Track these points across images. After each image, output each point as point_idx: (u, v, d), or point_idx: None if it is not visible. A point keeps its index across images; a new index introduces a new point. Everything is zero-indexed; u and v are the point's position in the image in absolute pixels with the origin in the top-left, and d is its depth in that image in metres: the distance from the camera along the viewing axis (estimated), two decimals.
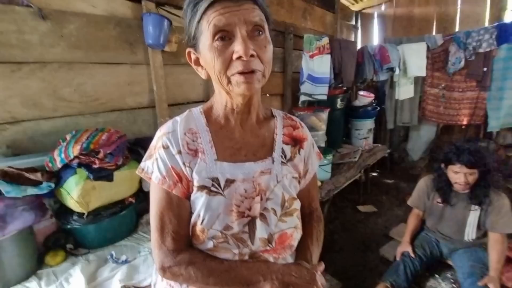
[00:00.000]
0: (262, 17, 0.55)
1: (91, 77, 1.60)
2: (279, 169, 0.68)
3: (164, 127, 0.66)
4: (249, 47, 0.52)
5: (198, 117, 0.68)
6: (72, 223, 1.31)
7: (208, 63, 0.56)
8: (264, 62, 0.56)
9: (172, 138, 0.63)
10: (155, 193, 0.64)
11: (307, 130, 0.80)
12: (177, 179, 0.62)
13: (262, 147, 0.69)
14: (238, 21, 0.52)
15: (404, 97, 3.24)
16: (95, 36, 1.59)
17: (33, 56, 1.39)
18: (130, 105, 1.81)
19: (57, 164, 1.28)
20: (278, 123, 0.74)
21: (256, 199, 0.64)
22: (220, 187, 0.62)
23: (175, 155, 0.62)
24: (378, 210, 2.81)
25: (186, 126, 0.65)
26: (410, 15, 3.95)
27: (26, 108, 1.41)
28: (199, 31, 0.56)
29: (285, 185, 0.68)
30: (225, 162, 0.64)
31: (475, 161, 1.46)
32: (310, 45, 2.52)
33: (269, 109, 0.78)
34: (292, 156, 0.72)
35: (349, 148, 3.17)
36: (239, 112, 0.66)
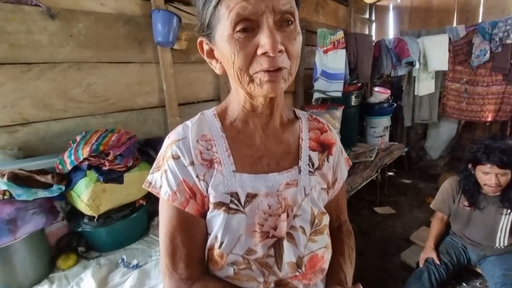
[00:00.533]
0: (293, 3, 0.46)
1: (100, 77, 1.58)
2: (307, 180, 0.59)
3: (173, 134, 0.58)
4: (277, 41, 0.44)
5: (212, 121, 0.59)
6: (83, 226, 1.29)
7: (226, 57, 0.48)
8: (292, 58, 0.48)
9: (183, 147, 0.55)
10: (164, 210, 0.55)
11: (336, 134, 0.70)
12: (190, 194, 0.54)
13: (287, 154, 0.60)
14: (266, 9, 0.43)
15: (424, 92, 3.09)
16: (104, 35, 1.56)
17: (43, 57, 1.37)
18: (140, 105, 1.78)
19: (67, 166, 1.26)
20: (303, 126, 0.64)
21: (282, 217, 0.55)
22: (241, 203, 0.54)
23: (187, 167, 0.54)
24: (397, 212, 2.69)
25: (198, 132, 0.57)
26: (428, 6, 3.76)
27: (37, 109, 1.39)
28: (215, 18, 0.46)
29: (313, 199, 0.60)
30: (245, 174, 0.55)
31: (507, 161, 1.34)
32: (324, 40, 2.42)
33: (292, 109, 0.68)
34: (320, 164, 0.63)
35: (364, 147, 3.06)
36: (260, 114, 0.57)
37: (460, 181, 1.60)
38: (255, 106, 0.56)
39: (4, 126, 1.32)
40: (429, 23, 3.71)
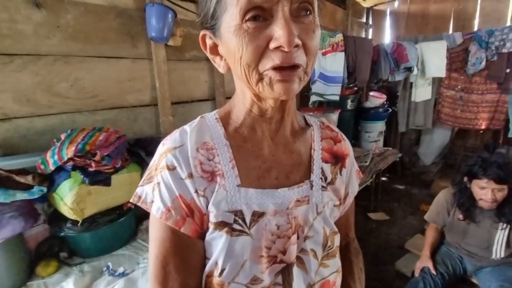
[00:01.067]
0: None
1: (89, 71, 1.49)
2: (319, 197, 0.53)
3: (169, 140, 0.50)
4: (293, 33, 0.37)
5: (214, 127, 0.51)
6: (65, 231, 1.21)
7: (233, 51, 0.40)
8: (309, 54, 0.41)
9: (180, 156, 0.47)
10: (156, 230, 0.47)
11: (349, 144, 0.63)
12: (187, 212, 0.46)
13: (298, 166, 0.53)
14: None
15: (421, 99, 3.09)
16: (94, 28, 1.47)
17: (27, 48, 1.28)
18: (130, 103, 1.69)
19: (50, 167, 1.17)
20: (315, 135, 0.57)
21: (292, 239, 0.49)
22: (246, 223, 0.47)
23: (184, 180, 0.46)
24: (391, 218, 2.68)
25: (199, 139, 0.49)
26: (425, 12, 3.78)
27: (19, 104, 1.30)
28: (221, 6, 0.40)
29: (326, 217, 0.53)
30: (251, 189, 0.48)
31: (505, 176, 1.32)
32: (323, 42, 2.38)
33: (302, 115, 0.61)
34: (333, 177, 0.56)
35: (359, 152, 3.03)
36: (269, 119, 0.50)
37: (455, 193, 1.57)
38: (263, 110, 0.49)
39: None
40: (425, 29, 3.73)
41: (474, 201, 1.46)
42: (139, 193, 0.50)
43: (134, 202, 0.49)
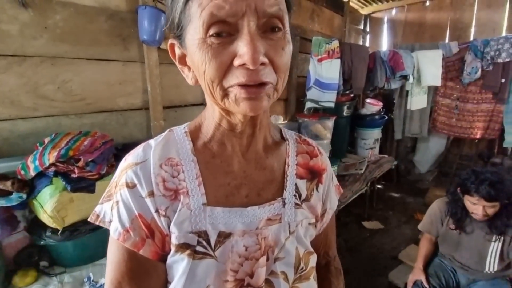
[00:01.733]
0: (282, 5, 0.38)
1: (77, 74, 1.45)
2: (292, 215, 0.50)
3: (131, 155, 0.47)
4: (258, 50, 0.35)
5: (182, 141, 0.48)
6: (45, 239, 1.16)
7: (197, 65, 0.39)
8: (279, 71, 0.39)
9: (141, 173, 0.44)
10: (113, 252, 0.44)
11: (327, 158, 0.61)
12: (147, 233, 0.43)
13: (270, 183, 0.50)
14: (248, 10, 0.34)
15: (417, 107, 3.08)
16: (83, 29, 1.43)
17: (11, 49, 1.24)
18: (121, 106, 1.65)
19: (30, 172, 1.13)
20: (291, 150, 0.54)
21: (261, 261, 0.46)
22: (210, 245, 0.44)
23: (144, 198, 0.43)
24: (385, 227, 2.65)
25: (163, 154, 0.46)
26: (421, 21, 3.80)
27: (1, 107, 1.25)
28: (186, 16, 0.38)
29: (299, 237, 0.50)
30: (218, 208, 0.45)
31: (495, 195, 1.30)
32: (319, 48, 2.36)
33: (278, 128, 0.58)
34: (308, 194, 0.53)
35: (354, 158, 3.01)
36: (239, 134, 0.47)
37: (448, 203, 1.55)
38: (233, 125, 0.46)
39: None
40: (422, 37, 3.75)
41: (466, 212, 1.44)
42: (98, 211, 0.47)
43: (92, 221, 0.46)
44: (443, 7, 3.56)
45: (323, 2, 3.20)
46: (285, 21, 0.39)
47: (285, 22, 0.39)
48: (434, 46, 2.98)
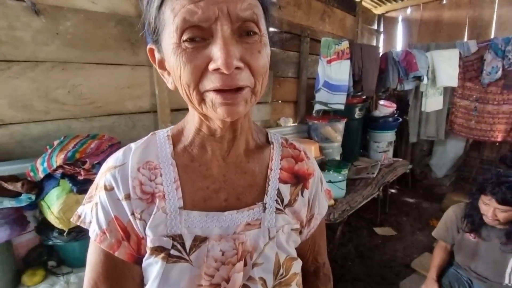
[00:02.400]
0: (256, 9, 0.37)
1: (87, 78, 1.49)
2: (272, 220, 0.49)
3: (112, 158, 0.48)
4: (232, 55, 0.34)
5: (163, 145, 0.48)
6: (52, 240, 1.18)
7: (173, 70, 0.39)
8: (256, 75, 0.38)
9: (119, 176, 0.45)
10: (91, 253, 0.46)
11: (314, 162, 0.59)
12: (123, 235, 0.44)
13: (251, 188, 0.50)
14: (221, 15, 0.34)
15: (432, 109, 2.96)
16: (93, 35, 1.47)
17: (25, 55, 1.29)
18: (129, 109, 1.68)
19: (39, 174, 1.16)
20: (275, 154, 0.54)
21: (237, 266, 0.45)
22: (185, 249, 0.44)
23: (121, 201, 0.44)
24: (398, 234, 2.55)
25: (142, 157, 0.47)
26: (438, 20, 3.66)
27: (15, 110, 1.30)
28: (160, 21, 0.38)
29: (280, 243, 0.49)
30: (195, 212, 0.45)
31: (510, 199, 1.23)
32: (328, 50, 2.32)
33: (265, 132, 0.58)
34: (292, 199, 0.52)
35: (367, 162, 2.93)
36: (219, 138, 0.47)
37: (465, 207, 1.48)
38: (212, 130, 0.46)
39: None
40: (438, 36, 3.60)
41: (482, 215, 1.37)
42: (79, 212, 0.48)
43: (73, 222, 0.48)
44: (461, 5, 3.42)
45: (334, 3, 3.14)
46: (260, 25, 0.38)
47: (260, 26, 0.38)
48: (451, 45, 2.85)
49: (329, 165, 2.30)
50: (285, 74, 2.72)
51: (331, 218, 1.86)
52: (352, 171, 2.68)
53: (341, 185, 2.10)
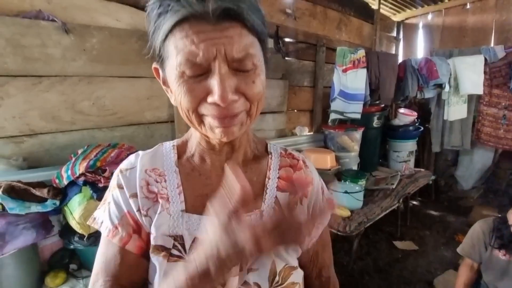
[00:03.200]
0: (253, 45, 0.40)
1: (110, 90, 1.58)
2: None
3: (124, 163, 0.53)
4: (228, 90, 0.38)
5: (168, 154, 0.53)
6: (74, 244, 1.25)
7: (175, 95, 0.42)
8: (251, 100, 0.42)
9: (130, 177, 0.50)
10: (101, 248, 0.49)
11: (314, 171, 0.61)
12: (135, 228, 0.48)
13: None
14: (218, 55, 0.37)
15: (455, 117, 2.83)
16: (116, 50, 1.57)
17: (55, 70, 1.40)
18: (148, 119, 1.76)
19: (63, 181, 1.23)
20: (273, 163, 0.57)
21: (233, 270, 0.46)
22: (185, 249, 0.46)
23: (128, 199, 0.48)
24: (420, 248, 2.42)
25: (150, 164, 0.52)
26: (462, 25, 3.52)
27: (45, 121, 1.40)
28: (165, 52, 0.41)
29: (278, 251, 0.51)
30: (195, 215, 0.48)
31: None
32: (344, 59, 2.30)
33: (264, 143, 0.61)
34: None
35: (386, 172, 2.83)
36: (219, 152, 0.51)
37: (494, 219, 1.39)
38: (212, 145, 0.51)
39: (11, 137, 1.33)
40: (462, 42, 3.46)
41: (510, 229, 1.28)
42: (95, 215, 0.52)
43: (89, 224, 0.51)
44: (487, 9, 3.28)
45: (350, 11, 3.13)
46: (256, 60, 0.41)
47: (256, 62, 0.41)
48: (475, 51, 2.73)
49: (345, 175, 2.25)
50: (301, 83, 2.72)
51: (347, 230, 1.81)
52: (371, 181, 2.60)
53: (358, 196, 2.04)
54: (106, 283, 0.46)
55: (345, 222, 1.84)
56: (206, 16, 0.36)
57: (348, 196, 2.01)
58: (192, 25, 0.37)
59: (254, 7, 0.40)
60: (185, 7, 0.36)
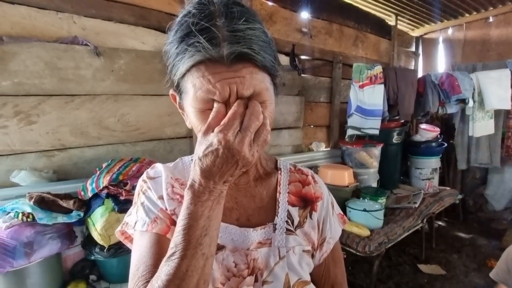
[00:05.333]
0: (264, 82, 0.43)
1: (134, 107, 1.67)
2: (282, 240, 0.52)
3: (151, 170, 0.57)
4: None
5: (188, 167, 0.57)
6: (94, 255, 1.29)
7: (192, 122, 0.47)
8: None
9: (157, 181, 0.53)
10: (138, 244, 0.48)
11: (323, 186, 0.63)
12: (171, 221, 0.49)
13: (259, 210, 0.55)
14: (232, 92, 0.40)
15: (481, 133, 2.70)
16: (141, 70, 1.67)
17: (85, 89, 1.51)
18: (168, 135, 1.83)
19: (88, 193, 1.30)
20: (283, 179, 0.59)
21: (247, 280, 0.48)
22: None
23: (155, 201, 0.51)
24: (447, 273, 2.25)
25: (174, 173, 0.55)
26: (485, 38, 3.43)
27: (74, 136, 1.50)
28: (182, 87, 0.45)
29: (291, 263, 0.51)
30: None
31: None
32: (360, 75, 2.30)
33: (274, 160, 0.63)
34: (301, 221, 0.56)
35: (408, 190, 2.72)
36: None
37: None
38: None
39: (44, 151, 1.44)
40: (486, 56, 3.36)
41: None
42: (126, 220, 0.53)
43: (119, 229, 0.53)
44: (511, 22, 3.18)
45: (367, 28, 3.16)
46: (265, 95, 0.44)
47: (265, 97, 0.44)
48: (501, 65, 2.64)
49: (364, 192, 2.19)
50: (317, 99, 2.74)
51: (367, 250, 1.74)
52: (391, 199, 2.50)
53: (378, 214, 1.97)
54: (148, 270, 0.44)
55: (364, 242, 1.77)
56: (220, 60, 0.39)
57: (367, 214, 1.94)
58: (208, 67, 0.40)
59: (266, 45, 0.42)
60: (201, 52, 0.39)
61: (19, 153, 1.38)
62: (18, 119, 1.35)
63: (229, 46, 0.38)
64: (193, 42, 0.39)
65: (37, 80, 1.37)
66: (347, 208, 2.04)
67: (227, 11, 0.40)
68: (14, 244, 1.08)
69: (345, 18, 2.88)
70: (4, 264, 1.05)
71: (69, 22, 1.46)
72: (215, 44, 0.38)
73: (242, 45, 0.39)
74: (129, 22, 1.63)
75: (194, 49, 0.39)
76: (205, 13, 0.40)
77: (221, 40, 0.38)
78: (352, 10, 2.96)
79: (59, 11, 1.43)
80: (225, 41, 0.38)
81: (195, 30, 0.39)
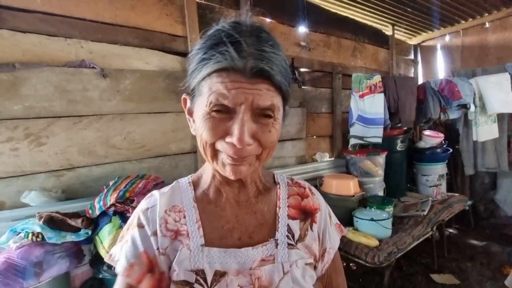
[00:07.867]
0: (276, 100, 0.45)
1: (139, 125, 1.72)
2: (285, 255, 0.53)
3: (144, 202, 0.56)
4: (246, 134, 0.43)
5: (186, 190, 0.57)
6: (102, 273, 1.29)
7: (198, 127, 0.48)
8: (264, 147, 0.47)
9: (150, 215, 0.53)
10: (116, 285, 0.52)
11: (320, 198, 0.64)
12: (149, 267, 0.49)
13: (261, 226, 0.55)
14: (245, 102, 0.43)
15: (486, 138, 2.68)
16: (146, 89, 1.73)
17: (92, 110, 1.56)
18: (173, 151, 1.86)
19: (96, 211, 1.32)
20: (282, 193, 0.60)
21: None
22: (207, 283, 0.48)
23: (150, 237, 0.51)
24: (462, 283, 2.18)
25: (169, 202, 0.55)
26: (483, 44, 3.46)
27: (82, 156, 1.54)
28: (198, 90, 0.47)
29: (295, 278, 0.51)
30: (215, 248, 0.51)
31: None
32: (360, 85, 2.34)
33: (271, 174, 0.64)
34: (302, 234, 0.56)
35: (416, 197, 2.69)
36: (231, 184, 0.55)
37: None
38: (225, 178, 0.54)
39: (53, 171, 1.47)
40: (485, 61, 3.38)
41: None
42: (111, 252, 0.54)
43: (106, 261, 0.54)
44: (507, 27, 3.22)
45: (364, 39, 3.22)
46: (276, 112, 0.46)
47: (276, 114, 0.46)
48: (500, 69, 2.65)
49: (371, 201, 2.17)
50: (319, 110, 2.77)
51: (376, 261, 1.71)
52: (399, 208, 2.46)
53: (386, 223, 1.94)
54: None
55: (373, 252, 1.74)
56: (242, 70, 0.42)
57: (375, 224, 1.92)
58: (229, 74, 0.42)
59: (284, 71, 0.46)
60: (227, 60, 0.42)
61: (30, 174, 1.42)
62: (28, 141, 1.39)
63: (253, 61, 0.42)
64: (222, 50, 0.42)
65: (47, 103, 1.43)
66: (354, 218, 2.02)
67: (257, 34, 0.44)
68: (24, 265, 1.09)
69: (342, 30, 2.95)
70: (15, 284, 1.06)
71: (77, 47, 1.53)
72: (242, 56, 0.42)
73: (265, 63, 0.42)
74: (133, 44, 1.70)
75: (221, 56, 0.42)
76: (238, 30, 0.43)
77: (247, 54, 0.42)
78: (349, 23, 3.03)
79: (67, 37, 1.50)
80: (250, 56, 0.42)
81: (226, 41, 0.42)
